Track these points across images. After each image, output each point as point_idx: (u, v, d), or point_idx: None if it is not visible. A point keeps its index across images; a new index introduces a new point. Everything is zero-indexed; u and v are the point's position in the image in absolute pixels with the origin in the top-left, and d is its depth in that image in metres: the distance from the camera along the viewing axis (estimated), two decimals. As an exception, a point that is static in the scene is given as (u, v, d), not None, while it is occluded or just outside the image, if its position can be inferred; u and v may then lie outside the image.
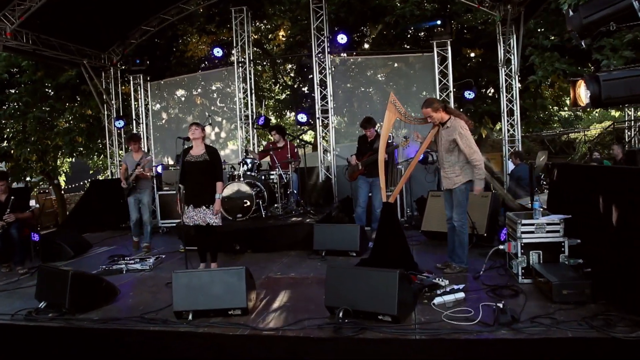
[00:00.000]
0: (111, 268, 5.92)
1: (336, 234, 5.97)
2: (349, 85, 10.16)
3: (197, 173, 5.18)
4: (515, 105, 9.22)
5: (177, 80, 10.32)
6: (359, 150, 6.98)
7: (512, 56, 9.10)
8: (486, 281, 4.51)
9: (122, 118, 10.11)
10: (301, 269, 5.46)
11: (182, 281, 3.90)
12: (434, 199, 6.60)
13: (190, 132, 5.15)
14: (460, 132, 4.65)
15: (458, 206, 4.82)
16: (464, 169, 4.75)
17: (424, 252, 5.96)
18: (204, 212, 5.19)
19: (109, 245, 7.94)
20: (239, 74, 9.56)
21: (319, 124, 9.32)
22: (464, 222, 4.83)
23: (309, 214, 7.05)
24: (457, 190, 4.79)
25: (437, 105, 4.76)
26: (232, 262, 6.04)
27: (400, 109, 4.88)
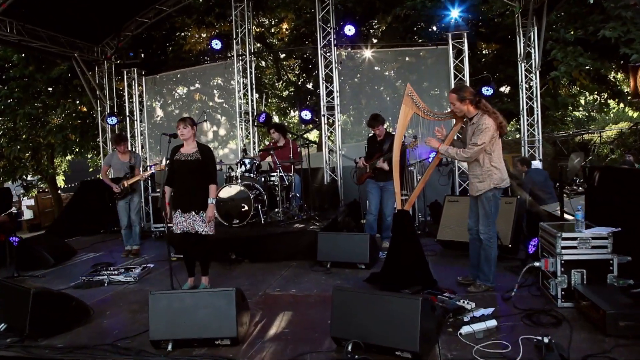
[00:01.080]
0: (91, 280, 5.31)
1: (343, 244, 5.34)
2: (356, 80, 9.51)
3: (187, 174, 4.56)
4: (536, 103, 8.55)
5: (173, 74, 9.71)
6: (368, 152, 6.39)
7: (533, 50, 8.43)
8: (518, 303, 3.86)
9: (115, 115, 9.50)
10: (303, 284, 4.83)
11: (160, 304, 3.27)
12: (451, 205, 5.95)
13: (179, 131, 4.53)
14: (480, 128, 4.01)
15: (485, 217, 4.18)
16: (489, 174, 4.10)
17: (440, 265, 5.32)
18: (193, 219, 4.56)
19: (97, 251, 7.35)
20: (238, 67, 8.94)
21: (324, 122, 8.68)
22: (492, 234, 4.18)
23: (312, 219, 6.42)
24: (484, 198, 4.15)
25: (466, 95, 4.09)
26: (226, 274, 5.43)
27: (418, 102, 4.24)
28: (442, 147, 4.21)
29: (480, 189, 4.14)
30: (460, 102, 4.10)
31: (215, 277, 5.30)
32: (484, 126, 4.00)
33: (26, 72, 11.18)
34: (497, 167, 4.12)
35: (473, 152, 4.02)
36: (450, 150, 4.17)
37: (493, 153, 4.11)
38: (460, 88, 4.22)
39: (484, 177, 4.11)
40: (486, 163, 4.11)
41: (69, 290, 5.09)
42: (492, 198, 4.14)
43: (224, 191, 6.26)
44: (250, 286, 4.83)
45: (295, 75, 14.49)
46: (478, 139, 4.00)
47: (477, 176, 4.15)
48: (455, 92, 4.14)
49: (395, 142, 4.31)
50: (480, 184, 4.13)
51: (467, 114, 4.17)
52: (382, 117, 6.17)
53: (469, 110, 4.14)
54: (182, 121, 4.55)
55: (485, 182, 4.11)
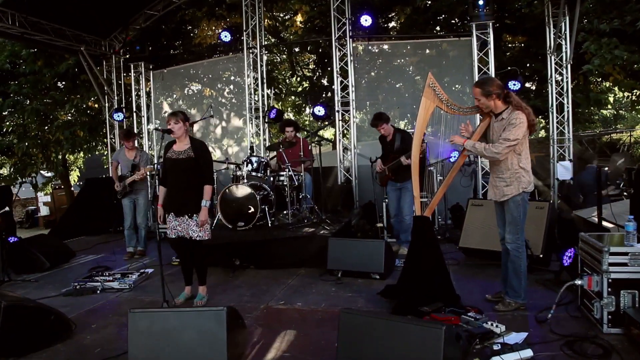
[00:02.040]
0: (84, 286, 4.94)
1: (356, 251, 4.86)
2: (373, 74, 9.00)
3: (179, 173, 4.13)
4: (566, 99, 7.92)
5: (181, 69, 9.33)
6: (382, 153, 6.00)
7: (564, 42, 7.81)
8: (556, 327, 3.34)
9: (121, 110, 9.18)
10: (311, 296, 4.37)
11: (141, 324, 2.85)
12: (475, 209, 5.41)
13: (169, 127, 4.11)
14: (512, 122, 3.52)
15: (511, 224, 3.66)
16: (517, 177, 3.61)
17: (463, 276, 4.81)
18: (187, 223, 4.14)
19: (97, 253, 7.01)
20: (249, 61, 8.51)
21: (338, 118, 8.20)
22: (519, 244, 3.66)
23: (323, 223, 5.94)
24: (511, 203, 3.64)
25: (492, 89, 3.59)
26: (228, 282, 5.00)
27: (441, 94, 3.73)
28: (469, 142, 3.72)
29: (507, 193, 3.63)
30: (486, 97, 3.60)
31: (215, 285, 4.89)
32: (518, 121, 3.50)
33: (35, 68, 10.96)
34: (526, 168, 3.65)
35: (504, 147, 3.52)
36: (477, 145, 3.67)
37: (522, 153, 3.63)
38: (485, 81, 3.73)
39: (512, 180, 3.61)
40: (514, 164, 3.61)
41: (58, 297, 4.75)
42: (521, 202, 3.63)
43: (228, 192, 5.84)
44: (252, 297, 4.39)
45: (310, 71, 14.02)
46: (510, 134, 3.50)
47: (504, 179, 3.65)
48: (480, 86, 3.64)
49: (415, 140, 3.81)
50: (508, 188, 3.63)
51: (494, 110, 3.67)
52: (385, 115, 5.90)
53: (496, 105, 3.64)
54: (172, 116, 4.13)
55: (513, 186, 3.61)
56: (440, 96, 3.74)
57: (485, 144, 3.65)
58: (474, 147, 3.68)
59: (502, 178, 3.67)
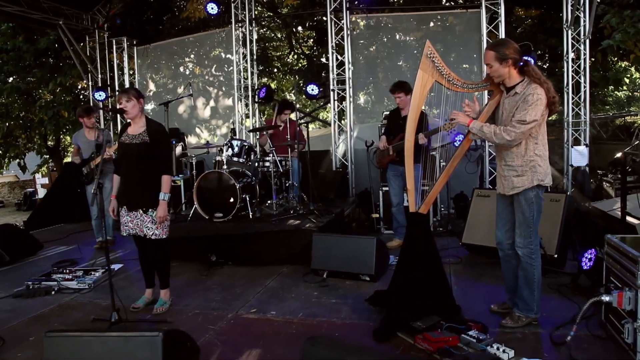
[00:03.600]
0: (38, 286, 4.40)
1: (343, 249, 4.27)
2: (372, 50, 8.30)
3: (132, 161, 3.54)
4: (583, 78, 7.19)
5: (166, 45, 8.66)
6: (388, 130, 5.28)
7: (582, 14, 7.04)
8: (576, 352, 2.75)
9: (103, 89, 8.57)
10: (288, 302, 3.79)
11: (58, 352, 2.28)
12: (481, 200, 4.79)
13: (120, 105, 3.50)
14: (527, 100, 2.87)
15: (523, 225, 3.03)
16: (532, 166, 2.97)
17: (466, 278, 4.21)
18: (141, 219, 3.57)
19: (69, 244, 6.47)
20: (237, 35, 7.83)
21: (333, 98, 7.54)
22: (533, 249, 3.03)
23: (311, 214, 5.35)
24: (522, 199, 3.01)
25: (509, 53, 2.91)
26: (198, 283, 4.44)
27: (441, 67, 3.09)
28: (475, 124, 3.06)
29: (518, 185, 3.00)
30: (500, 63, 2.93)
31: (184, 286, 4.35)
32: (536, 97, 2.84)
33: (17, 44, 10.32)
34: (543, 156, 3.00)
35: (519, 132, 2.87)
36: (485, 128, 3.02)
37: (539, 137, 2.98)
38: (501, 42, 3.04)
39: (525, 170, 2.98)
40: (530, 150, 2.97)
41: (6, 300, 4.22)
42: (535, 199, 2.99)
43: (205, 179, 5.26)
44: (221, 303, 3.83)
45: (309, 48, 13.26)
46: (527, 114, 2.84)
47: (515, 168, 3.01)
48: (494, 48, 2.97)
49: (409, 121, 3.17)
50: (519, 179, 3.00)
51: (508, 81, 3.01)
52: (409, 85, 4.97)
53: (510, 75, 2.97)
54: (123, 93, 3.51)
55: (526, 177, 2.97)
56: (441, 69, 3.09)
57: (496, 127, 3.00)
58: (481, 129, 3.04)
59: (512, 167, 3.02)
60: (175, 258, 5.24)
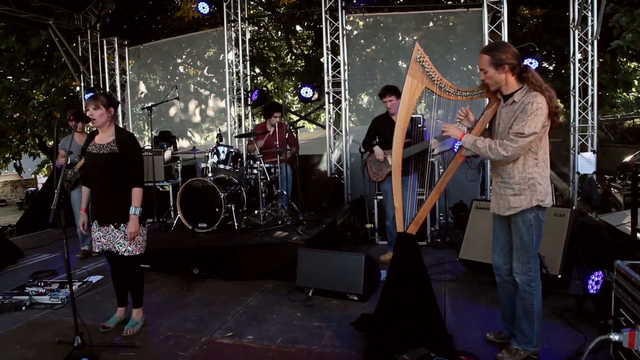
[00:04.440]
0: (9, 301, 4.16)
1: (330, 266, 3.99)
2: (369, 52, 8.01)
3: (101, 172, 3.29)
4: (591, 80, 6.87)
5: (158, 44, 8.42)
6: (379, 137, 4.92)
7: (590, 13, 6.72)
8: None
9: (93, 90, 8.33)
10: (268, 325, 3.52)
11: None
12: (480, 213, 4.49)
13: (88, 113, 3.25)
14: (527, 109, 2.56)
15: (521, 249, 2.72)
16: (531, 184, 2.66)
17: (461, 299, 3.91)
18: (112, 235, 3.32)
19: (53, 252, 6.25)
20: (229, 36, 7.57)
21: (328, 101, 7.26)
22: (533, 276, 2.72)
23: (300, 225, 5.07)
24: (520, 221, 2.70)
25: (506, 57, 2.61)
26: (177, 299, 4.18)
27: (432, 72, 2.80)
28: (468, 138, 2.76)
29: (515, 205, 2.69)
30: (496, 68, 2.63)
31: (162, 302, 4.09)
32: (535, 106, 2.54)
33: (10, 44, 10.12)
34: (543, 174, 2.69)
35: (517, 146, 2.57)
36: (479, 142, 2.72)
37: (539, 152, 2.67)
38: (496, 46, 2.73)
39: (523, 189, 2.67)
40: (528, 167, 2.66)
41: (-27, 315, 3.98)
42: (534, 221, 2.68)
43: (189, 187, 5.00)
44: (196, 324, 3.57)
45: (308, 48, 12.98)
46: (525, 126, 2.54)
47: (511, 185, 2.70)
48: (489, 52, 2.66)
49: (397, 130, 2.88)
50: (516, 199, 2.69)
51: (505, 89, 2.71)
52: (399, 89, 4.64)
53: (508, 82, 2.68)
54: (92, 100, 3.25)
55: (524, 197, 2.66)
56: (431, 75, 2.80)
57: (491, 141, 2.69)
58: (474, 144, 2.74)
59: (508, 184, 2.72)
60: (156, 270, 5.03)
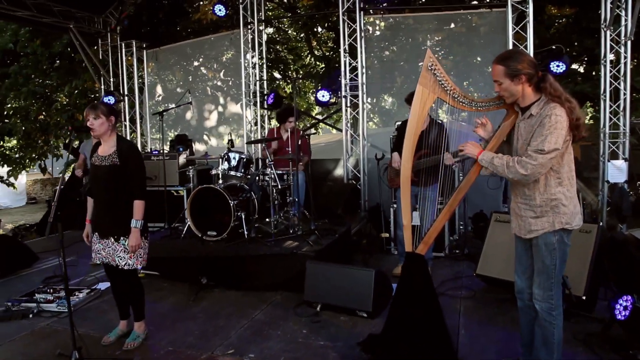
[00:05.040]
0: (17, 308, 4.15)
1: (339, 280, 3.83)
2: (388, 54, 7.80)
3: (102, 184, 3.23)
4: (624, 83, 6.49)
5: (176, 47, 8.40)
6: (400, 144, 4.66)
7: (623, 12, 6.35)
8: None
9: (112, 94, 8.38)
10: (271, 342, 3.38)
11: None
12: (499, 227, 4.25)
13: (88, 123, 3.18)
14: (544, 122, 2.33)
15: (542, 274, 2.49)
16: (554, 205, 2.43)
17: (475, 320, 3.67)
18: (113, 248, 3.24)
19: (70, 254, 6.24)
20: (246, 38, 7.49)
21: (345, 105, 7.09)
22: (554, 304, 2.49)
23: (312, 235, 4.92)
24: (541, 244, 2.47)
25: (521, 67, 2.39)
26: (182, 310, 4.09)
27: (445, 81, 2.60)
28: (485, 155, 2.54)
29: (537, 228, 2.46)
30: (511, 79, 2.42)
31: (168, 312, 4.02)
32: (554, 119, 2.31)
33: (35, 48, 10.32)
34: (567, 194, 2.44)
35: (537, 164, 2.33)
36: (496, 160, 2.49)
37: (562, 169, 2.43)
38: (511, 55, 2.49)
39: (545, 210, 2.44)
40: (551, 187, 2.43)
41: (-19, 323, 3.98)
42: (557, 245, 2.44)
43: (199, 194, 4.92)
44: (198, 339, 3.46)
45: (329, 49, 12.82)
46: (545, 142, 2.31)
47: (532, 207, 2.48)
48: (503, 62, 2.43)
49: (406, 142, 2.71)
50: (537, 221, 2.46)
51: (521, 101, 2.49)
52: None
53: (525, 93, 2.45)
54: (91, 110, 3.18)
55: (546, 219, 2.44)
56: (444, 84, 2.60)
57: (509, 159, 2.45)
58: (491, 162, 2.50)
59: (529, 205, 2.50)
60: (165, 278, 4.97)
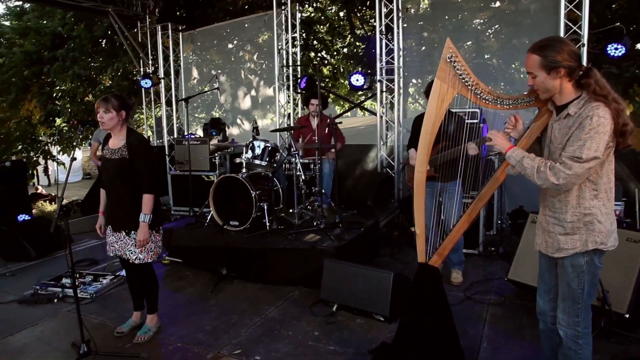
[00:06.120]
0: (43, 292, 4.29)
1: (356, 281, 3.65)
2: (427, 35, 7.35)
3: (112, 178, 3.19)
4: (694, 67, 5.80)
5: (210, 29, 8.29)
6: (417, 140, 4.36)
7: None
8: None
9: (149, 77, 8.45)
10: (281, 343, 3.27)
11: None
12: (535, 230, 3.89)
13: (97, 116, 3.13)
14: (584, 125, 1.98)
15: (568, 299, 2.17)
16: (588, 222, 2.09)
17: (502, 331, 3.38)
18: (124, 242, 3.22)
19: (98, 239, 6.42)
20: (280, 19, 7.27)
21: (380, 90, 6.78)
22: (581, 332, 2.17)
23: (336, 228, 4.74)
24: (568, 265, 2.15)
25: (562, 59, 2.02)
26: (197, 302, 4.06)
27: (466, 75, 2.32)
28: (515, 152, 2.20)
29: (566, 247, 2.13)
30: (548, 72, 2.05)
31: (182, 306, 4.00)
32: (596, 121, 1.96)
33: (79, 31, 10.59)
34: (604, 209, 2.09)
35: (571, 173, 1.99)
36: (526, 161, 2.15)
37: (600, 179, 2.09)
38: (549, 44, 2.06)
39: (577, 227, 2.11)
40: (585, 199, 2.09)
41: (10, 305, 4.14)
42: (587, 267, 2.11)
43: (221, 183, 4.85)
44: (208, 335, 3.41)
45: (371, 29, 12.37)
46: (583, 148, 1.97)
47: (562, 222, 2.15)
48: (539, 51, 2.06)
49: (421, 147, 2.46)
50: (567, 239, 2.13)
51: (558, 98, 2.14)
52: None
53: (563, 90, 2.10)
54: (102, 102, 3.11)
55: (578, 237, 2.11)
56: (465, 78, 2.31)
57: (541, 162, 2.10)
58: (520, 162, 2.16)
59: (558, 220, 2.17)
60: (188, 266, 4.99)
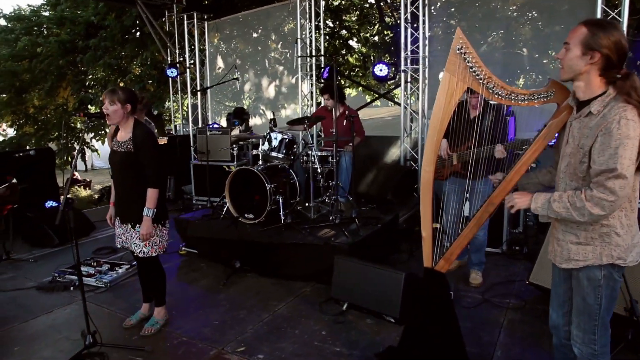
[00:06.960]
0: (61, 279, 4.38)
1: (367, 280, 3.53)
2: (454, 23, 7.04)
3: (119, 170, 3.19)
4: None
5: (236, 18, 8.22)
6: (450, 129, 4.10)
7: None
8: None
9: (175, 66, 8.49)
10: (286, 343, 3.19)
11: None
12: (561, 230, 3.66)
13: (103, 107, 3.11)
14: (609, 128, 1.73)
15: (583, 313, 1.97)
16: (602, 232, 1.88)
17: (519, 338, 3.22)
18: (130, 234, 3.22)
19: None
20: (303, 7, 7.13)
21: (405, 80, 6.56)
22: (598, 350, 1.97)
23: (352, 223, 4.61)
24: (583, 279, 1.94)
25: (604, 44, 1.77)
26: (209, 295, 4.05)
27: (477, 67, 2.13)
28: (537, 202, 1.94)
29: (577, 258, 1.94)
30: (583, 51, 1.81)
31: (193, 299, 4.00)
32: (624, 125, 1.71)
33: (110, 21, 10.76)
34: (625, 220, 1.87)
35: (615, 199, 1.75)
36: (555, 205, 1.88)
37: None
38: (603, 24, 1.81)
39: (591, 238, 1.90)
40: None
41: (29, 291, 4.24)
42: (605, 280, 1.91)
43: (237, 175, 4.80)
44: (214, 330, 3.38)
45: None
46: (621, 160, 1.71)
47: (574, 231, 1.94)
48: (590, 26, 1.80)
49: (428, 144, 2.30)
50: (579, 249, 1.93)
51: (581, 90, 1.88)
52: None
53: (589, 81, 1.84)
54: (108, 94, 3.08)
55: (591, 248, 1.90)
56: (476, 71, 2.13)
57: (569, 197, 1.85)
58: (550, 209, 1.90)
59: (570, 228, 1.95)
60: (204, 257, 4.99)
